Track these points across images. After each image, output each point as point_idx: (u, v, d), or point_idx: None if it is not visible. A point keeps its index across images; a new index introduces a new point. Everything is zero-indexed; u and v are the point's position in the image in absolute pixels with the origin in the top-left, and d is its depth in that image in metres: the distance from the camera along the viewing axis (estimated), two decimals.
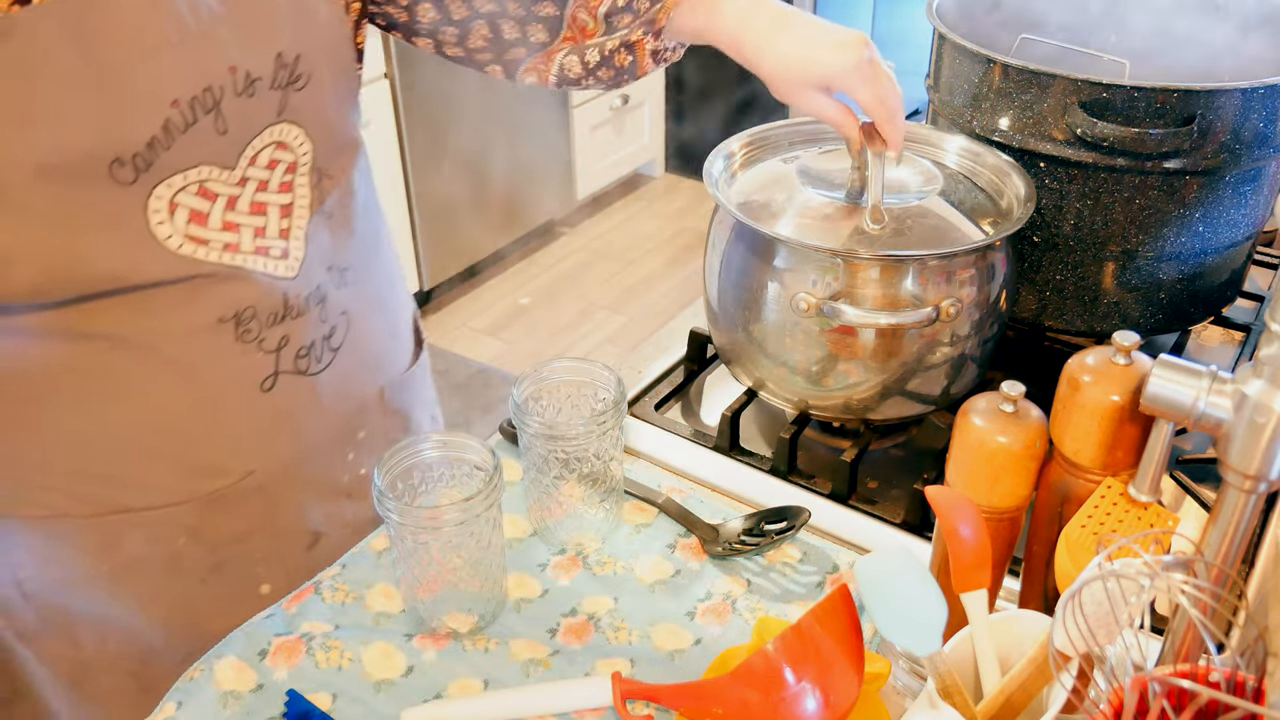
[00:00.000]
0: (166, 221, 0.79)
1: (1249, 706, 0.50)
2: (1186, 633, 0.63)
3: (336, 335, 0.93)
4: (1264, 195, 1.07)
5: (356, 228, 0.94)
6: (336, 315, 0.93)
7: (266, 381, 0.89)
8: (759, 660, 0.71)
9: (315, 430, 0.95)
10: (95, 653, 0.96)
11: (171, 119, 0.76)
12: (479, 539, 0.82)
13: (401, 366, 1.05)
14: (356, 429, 1.00)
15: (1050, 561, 0.73)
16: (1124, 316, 1.10)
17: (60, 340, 0.81)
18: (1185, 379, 0.62)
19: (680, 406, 1.13)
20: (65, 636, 0.95)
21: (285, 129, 0.84)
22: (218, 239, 0.82)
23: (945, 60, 1.12)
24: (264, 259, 0.85)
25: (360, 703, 0.80)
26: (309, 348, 0.91)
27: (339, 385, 0.95)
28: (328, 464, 0.98)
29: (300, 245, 0.88)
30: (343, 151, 0.91)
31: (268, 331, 0.87)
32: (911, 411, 1.01)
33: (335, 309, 0.92)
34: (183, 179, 0.78)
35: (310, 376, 0.92)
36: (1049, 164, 1.03)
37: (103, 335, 0.81)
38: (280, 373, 0.89)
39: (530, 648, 0.84)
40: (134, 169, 0.75)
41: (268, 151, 0.83)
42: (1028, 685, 0.65)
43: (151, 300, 0.81)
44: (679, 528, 0.95)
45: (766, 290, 0.96)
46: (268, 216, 0.85)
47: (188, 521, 0.91)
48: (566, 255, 3.59)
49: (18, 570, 0.92)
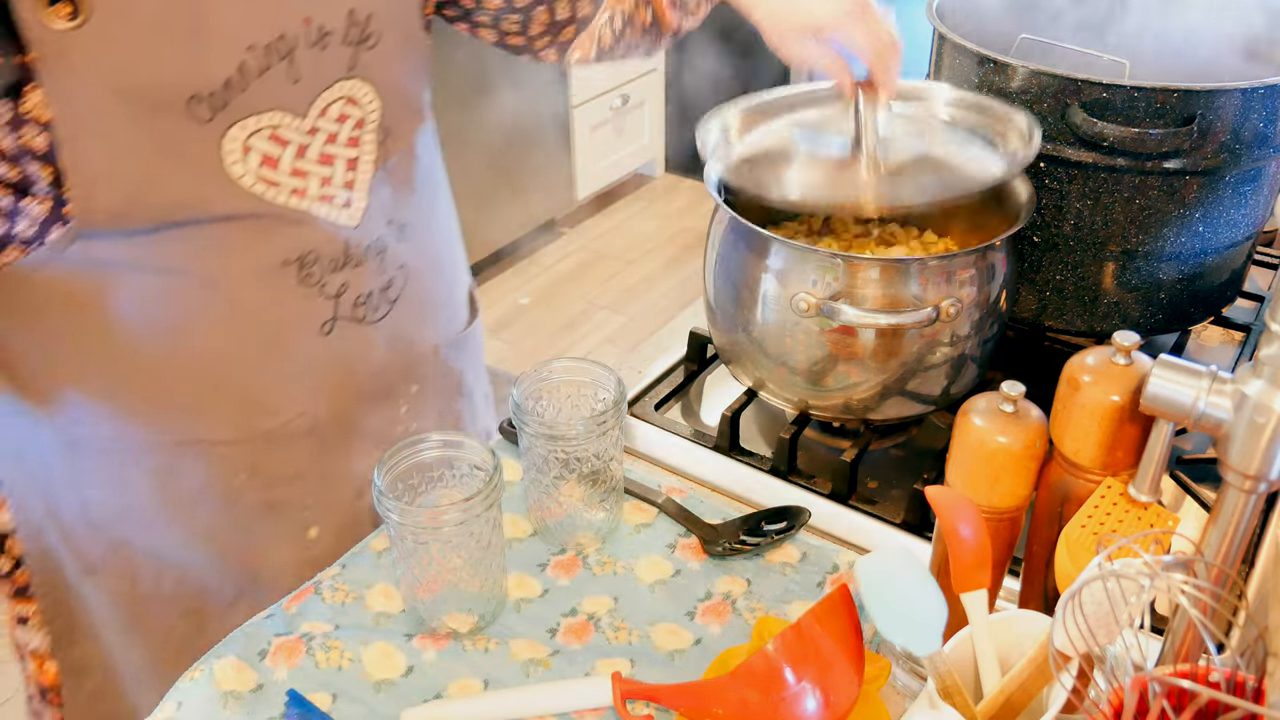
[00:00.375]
0: (240, 162, 0.82)
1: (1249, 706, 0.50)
2: (1186, 633, 0.63)
3: (394, 287, 0.96)
4: (1264, 195, 1.07)
5: (418, 187, 0.98)
6: (395, 268, 0.96)
7: (326, 325, 0.92)
8: (759, 660, 0.71)
9: (369, 379, 0.98)
10: (151, 590, 0.99)
11: (247, 62, 0.79)
12: (479, 539, 0.82)
13: (457, 327, 1.08)
14: (410, 382, 1.02)
15: (1050, 561, 0.73)
16: (1124, 316, 1.10)
17: (135, 272, 0.84)
18: (1185, 379, 0.62)
19: (680, 406, 1.13)
20: (125, 573, 0.99)
21: (356, 85, 0.87)
22: (287, 183, 0.86)
23: (945, 60, 1.12)
24: (328, 206, 0.89)
25: (360, 703, 0.80)
26: (367, 296, 0.94)
27: (395, 337, 0.98)
28: (380, 414, 1.00)
29: (363, 197, 0.91)
30: (411, 117, 0.95)
31: (329, 277, 0.91)
32: (911, 411, 1.01)
33: (394, 262, 0.95)
34: (256, 122, 0.82)
35: (367, 325, 0.95)
36: (1049, 164, 1.03)
37: (175, 270, 0.85)
38: (339, 318, 0.93)
39: (530, 648, 0.84)
40: (210, 107, 0.79)
41: (338, 105, 0.87)
42: (1028, 685, 0.65)
43: (221, 238, 0.85)
44: (679, 528, 0.95)
45: (766, 290, 0.96)
46: (334, 167, 0.88)
47: (245, 457, 0.94)
48: (566, 255, 3.59)
49: (86, 497, 0.95)
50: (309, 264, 0.89)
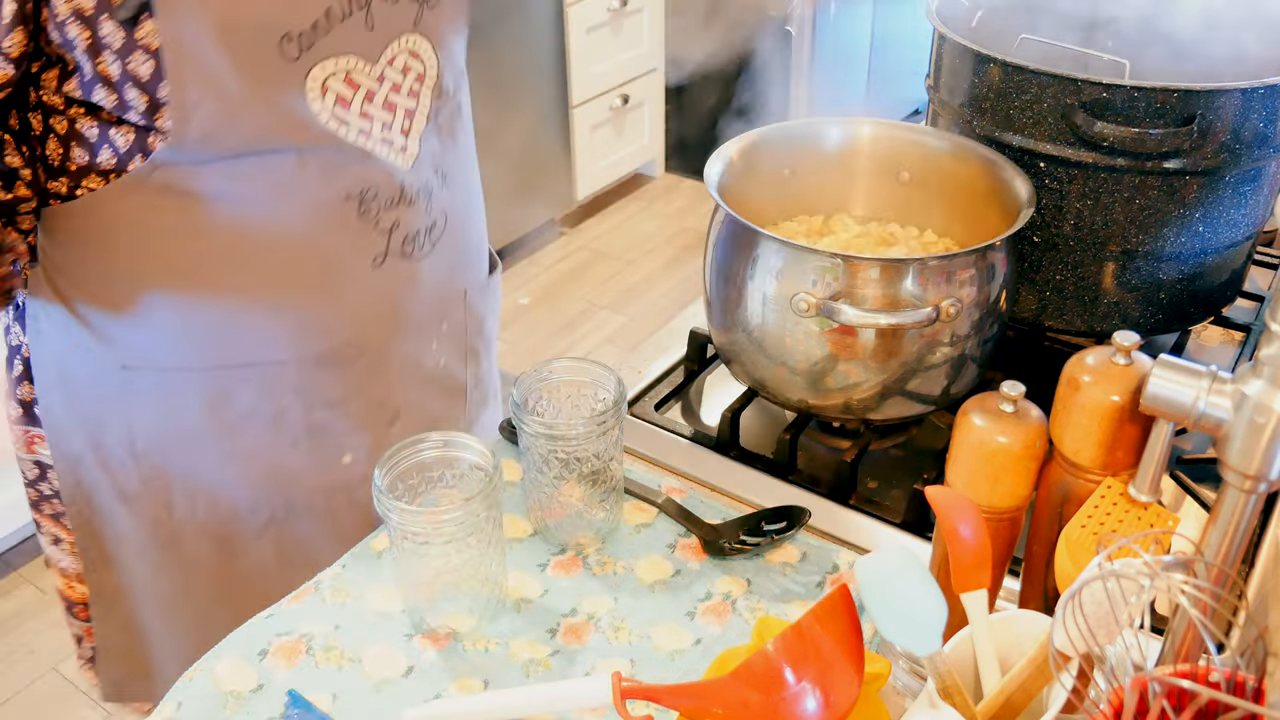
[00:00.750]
0: (318, 99, 0.88)
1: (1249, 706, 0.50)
2: (1186, 633, 0.63)
3: (436, 229, 1.03)
4: (1264, 195, 1.07)
5: (459, 140, 1.05)
6: (438, 212, 1.02)
7: (378, 259, 0.98)
8: (759, 660, 0.71)
9: (410, 312, 1.04)
10: (186, 516, 1.05)
11: (332, 8, 0.86)
12: (479, 539, 0.82)
13: (482, 275, 1.15)
14: (441, 320, 1.09)
15: (1050, 561, 0.73)
16: (1124, 316, 1.10)
17: (209, 202, 0.89)
18: (1185, 379, 0.62)
19: (680, 406, 1.13)
20: (161, 499, 1.04)
21: (418, 41, 0.95)
22: (355, 123, 0.92)
23: (945, 60, 1.12)
24: (389, 148, 0.95)
25: (360, 703, 0.80)
26: (415, 235, 1.00)
27: (435, 276, 1.05)
28: (416, 347, 1.07)
29: (416, 144, 0.98)
30: (457, 76, 1.02)
31: (384, 213, 0.97)
32: (911, 411, 1.01)
33: (438, 206, 1.02)
34: (334, 64, 0.88)
35: (414, 261, 1.01)
36: (1049, 164, 1.03)
37: (247, 199, 0.90)
38: (390, 253, 0.99)
39: (530, 648, 0.84)
40: (299, 46, 0.85)
41: (403, 57, 0.94)
42: (1028, 685, 0.65)
43: (294, 170, 0.90)
44: (679, 528, 0.95)
45: (766, 290, 0.96)
46: (395, 115, 0.95)
47: (294, 379, 0.99)
48: (566, 255, 3.59)
49: (134, 425, 1.00)
50: (369, 199, 0.95)
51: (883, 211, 1.16)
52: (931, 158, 1.11)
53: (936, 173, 1.11)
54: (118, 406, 1.00)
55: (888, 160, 1.14)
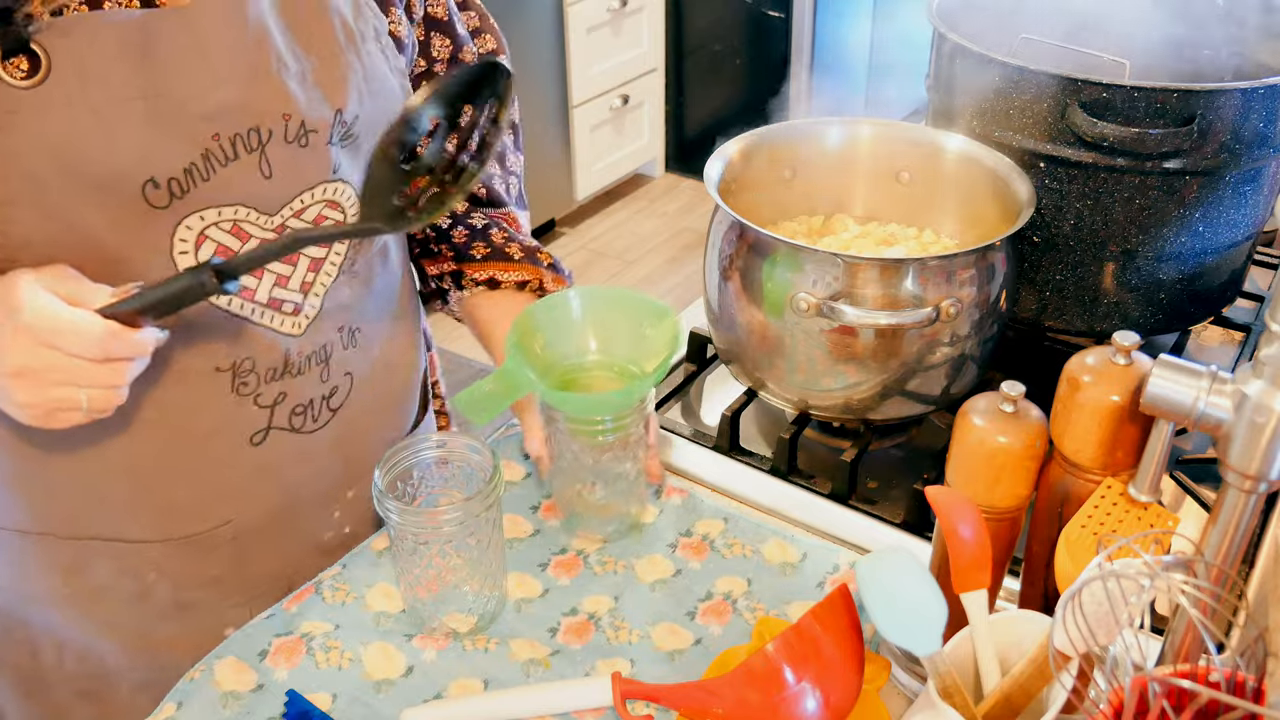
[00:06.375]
0: (190, 253, 0.78)
1: (1249, 706, 0.50)
2: (1186, 633, 0.63)
3: (338, 395, 0.90)
4: (1264, 195, 1.07)
5: (377, 288, 0.92)
6: (340, 375, 0.90)
7: (257, 436, 0.86)
8: (759, 660, 0.71)
9: (302, 486, 0.92)
10: (53, 666, 0.95)
11: (211, 150, 0.75)
12: (479, 539, 0.82)
13: (403, 430, 1.02)
14: (346, 488, 0.96)
15: (1050, 561, 0.73)
16: (1124, 316, 1.10)
17: None
18: (1185, 379, 0.62)
19: (680, 406, 1.13)
20: (25, 647, 0.94)
21: (339, 188, 0.83)
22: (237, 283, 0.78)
23: (945, 60, 1.12)
24: (273, 313, 0.83)
25: (360, 703, 0.80)
26: (306, 406, 0.88)
27: (334, 445, 0.92)
28: (310, 520, 0.95)
29: (316, 303, 0.86)
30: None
31: (265, 387, 0.85)
32: (911, 411, 1.01)
33: (340, 369, 0.90)
34: (217, 214, 0.77)
35: (304, 434, 0.89)
36: (1049, 164, 1.03)
37: None
38: (273, 428, 0.87)
39: (530, 648, 0.84)
40: (168, 193, 0.75)
41: (317, 208, 0.82)
42: (1028, 685, 0.65)
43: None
44: (679, 527, 0.95)
45: (766, 290, 0.96)
46: (296, 267, 0.83)
47: (158, 560, 0.89)
48: (566, 255, 3.59)
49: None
50: (243, 373, 0.83)
51: (883, 211, 1.16)
52: (931, 158, 1.11)
53: (936, 173, 1.11)
54: None
55: (888, 160, 1.14)
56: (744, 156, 1.08)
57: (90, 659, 0.94)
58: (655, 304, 0.91)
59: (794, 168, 1.13)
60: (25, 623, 0.93)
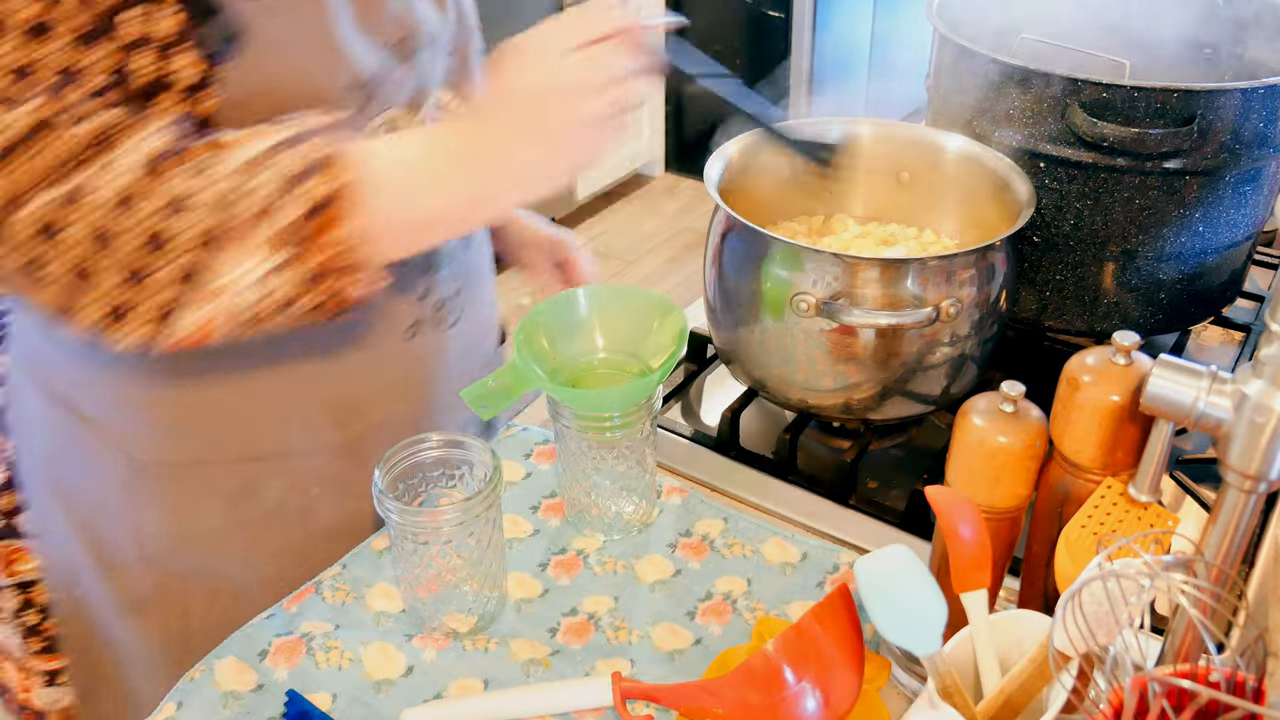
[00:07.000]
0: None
1: (1249, 706, 0.50)
2: (1186, 633, 0.63)
3: (463, 295, 0.97)
4: (1264, 195, 1.07)
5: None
6: (462, 277, 0.97)
7: (410, 329, 0.92)
8: (759, 660, 0.71)
9: (440, 386, 0.97)
10: (202, 620, 0.95)
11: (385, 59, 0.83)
12: (479, 539, 0.82)
13: (494, 342, 1.10)
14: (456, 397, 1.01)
15: (1050, 561, 0.73)
16: (1124, 316, 1.10)
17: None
18: (1185, 379, 0.62)
19: (680, 406, 1.13)
20: (176, 605, 0.95)
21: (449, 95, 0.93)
22: None
23: (945, 60, 1.12)
24: None
25: (360, 703, 0.80)
26: (444, 301, 0.95)
27: (462, 344, 0.99)
28: (445, 424, 0.98)
29: None
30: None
31: (416, 279, 0.91)
32: (911, 411, 1.01)
33: (461, 270, 0.97)
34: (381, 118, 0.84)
35: (445, 330, 0.96)
36: (1049, 164, 1.03)
37: None
38: (421, 321, 0.93)
39: (530, 648, 0.84)
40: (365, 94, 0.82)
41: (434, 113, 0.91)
42: (1028, 685, 0.65)
43: None
44: (679, 527, 0.95)
45: (766, 290, 0.96)
46: None
47: (324, 468, 0.93)
48: None
49: (142, 529, 0.92)
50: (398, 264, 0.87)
51: (883, 211, 1.16)
52: (931, 158, 1.11)
53: (936, 173, 1.11)
54: (124, 513, 0.92)
55: (888, 160, 1.14)
56: (744, 156, 1.08)
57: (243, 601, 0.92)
58: (661, 300, 0.92)
59: (794, 168, 1.13)
60: (182, 572, 0.93)
